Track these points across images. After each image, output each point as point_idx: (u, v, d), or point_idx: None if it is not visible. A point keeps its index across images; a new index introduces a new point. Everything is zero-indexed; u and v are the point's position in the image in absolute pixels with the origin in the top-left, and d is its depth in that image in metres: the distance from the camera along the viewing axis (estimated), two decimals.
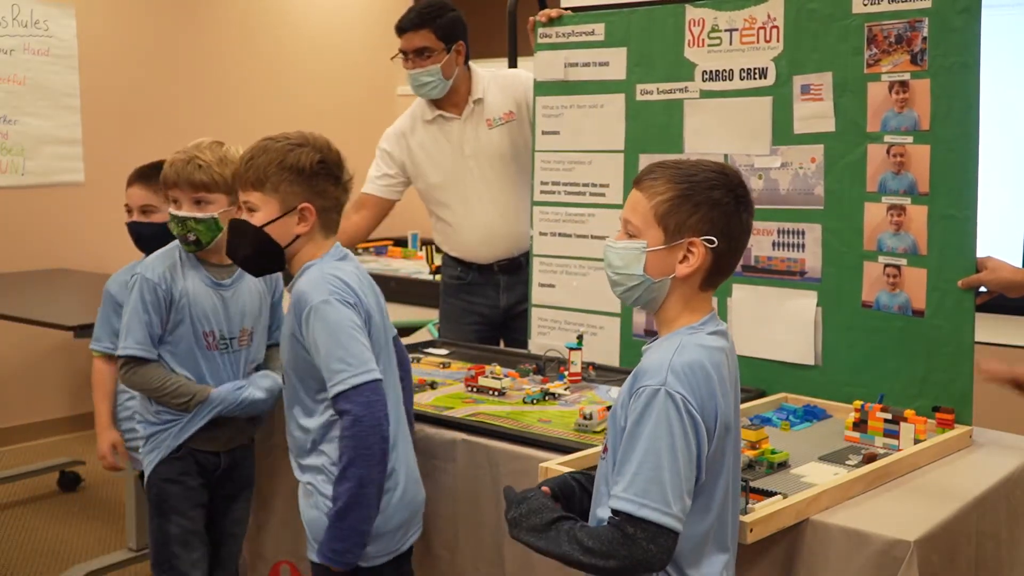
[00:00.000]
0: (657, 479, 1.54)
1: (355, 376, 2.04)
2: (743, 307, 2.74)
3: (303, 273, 2.16)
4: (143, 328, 2.46)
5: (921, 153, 2.42)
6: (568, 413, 2.48)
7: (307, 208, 2.15)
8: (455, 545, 2.41)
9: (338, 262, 2.20)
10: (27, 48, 5.39)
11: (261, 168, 2.13)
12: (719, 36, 2.76)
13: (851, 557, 1.80)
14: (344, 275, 2.15)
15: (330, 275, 2.13)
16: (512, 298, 3.46)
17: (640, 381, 1.61)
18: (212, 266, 2.55)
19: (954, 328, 2.39)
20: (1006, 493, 2.12)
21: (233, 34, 6.36)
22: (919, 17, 2.40)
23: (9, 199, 5.36)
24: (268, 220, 2.14)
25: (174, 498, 2.53)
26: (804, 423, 2.43)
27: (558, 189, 3.14)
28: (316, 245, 2.19)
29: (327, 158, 2.18)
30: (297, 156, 2.14)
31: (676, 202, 1.66)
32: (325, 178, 2.18)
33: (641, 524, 1.53)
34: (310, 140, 2.18)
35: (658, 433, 1.55)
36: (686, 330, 1.67)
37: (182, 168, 2.47)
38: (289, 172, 2.13)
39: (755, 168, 2.69)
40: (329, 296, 2.08)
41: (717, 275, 1.70)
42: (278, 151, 2.14)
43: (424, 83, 3.32)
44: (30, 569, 3.87)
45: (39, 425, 5.45)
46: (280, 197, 2.14)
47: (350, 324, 2.08)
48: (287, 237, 2.16)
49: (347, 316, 2.08)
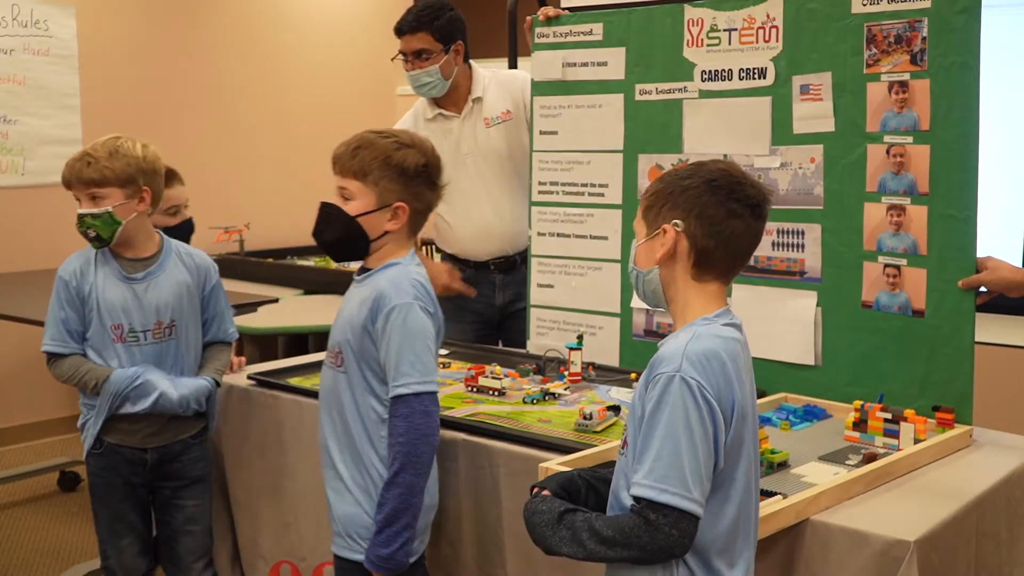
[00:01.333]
0: (676, 464, 1.54)
1: (420, 384, 2.10)
2: (743, 307, 2.73)
3: (386, 269, 2.21)
4: (58, 325, 2.58)
5: (921, 153, 2.41)
6: (568, 413, 2.48)
7: (402, 207, 2.20)
8: (456, 545, 2.41)
9: (418, 267, 2.25)
10: (27, 48, 5.40)
11: (366, 160, 2.18)
12: (718, 36, 2.76)
13: (851, 557, 1.80)
14: (426, 282, 2.22)
15: (416, 280, 2.19)
16: (508, 296, 3.47)
17: (656, 369, 1.62)
18: (125, 260, 2.62)
19: (954, 328, 2.39)
20: (1006, 493, 2.13)
21: (233, 34, 6.36)
22: (918, 17, 2.40)
23: (9, 199, 5.36)
24: (363, 211, 2.19)
25: (99, 488, 2.66)
26: (804, 423, 2.43)
27: (556, 189, 3.14)
28: (400, 244, 2.24)
29: (430, 163, 2.23)
30: (404, 156, 2.19)
31: (653, 197, 1.74)
32: (425, 182, 2.23)
33: (663, 510, 1.53)
34: (416, 143, 2.24)
35: (675, 419, 1.56)
36: (701, 321, 1.68)
37: (74, 166, 2.57)
38: (393, 170, 2.18)
39: (754, 168, 2.69)
40: (414, 301, 2.14)
41: (707, 262, 1.69)
42: (385, 148, 2.19)
43: (424, 83, 3.34)
44: (30, 569, 3.87)
45: (39, 425, 5.46)
46: (379, 191, 2.19)
47: (427, 333, 2.15)
48: (377, 231, 2.21)
49: (426, 324, 2.15)
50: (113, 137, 2.60)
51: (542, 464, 2.03)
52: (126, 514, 2.65)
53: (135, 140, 2.62)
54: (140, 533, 2.68)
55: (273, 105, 6.53)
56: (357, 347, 2.17)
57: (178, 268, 2.66)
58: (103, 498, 2.65)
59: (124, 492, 2.64)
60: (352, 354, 2.18)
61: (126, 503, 2.65)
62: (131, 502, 2.66)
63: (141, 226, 2.62)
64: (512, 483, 2.27)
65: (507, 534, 2.30)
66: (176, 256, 2.68)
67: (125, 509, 2.65)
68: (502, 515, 2.30)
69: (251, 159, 6.35)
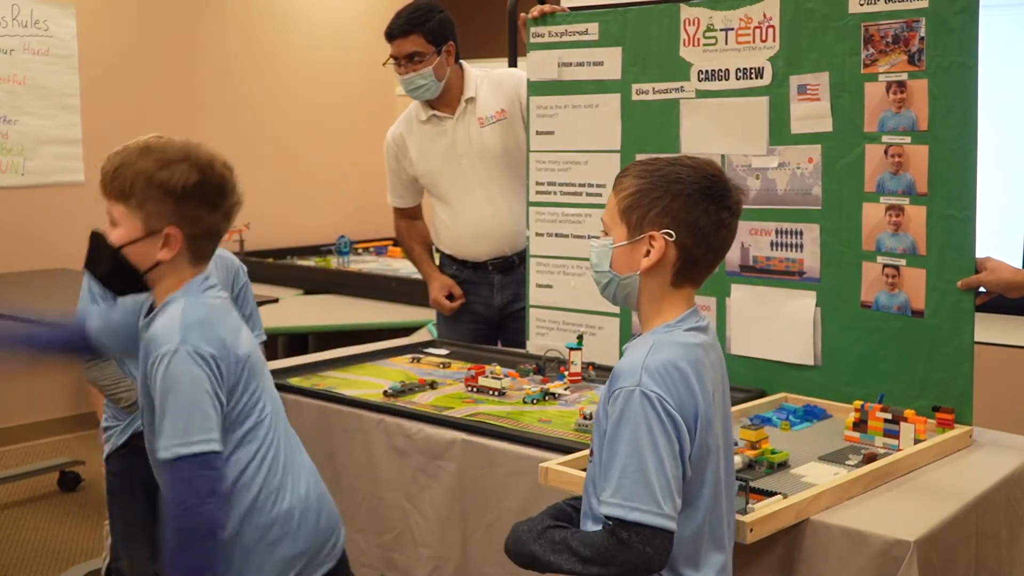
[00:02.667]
0: (644, 480, 1.53)
1: (181, 446, 1.75)
2: (742, 307, 2.74)
3: (163, 308, 1.87)
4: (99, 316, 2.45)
5: (919, 153, 2.41)
6: (568, 413, 2.48)
7: (173, 234, 1.86)
8: (456, 545, 2.41)
9: (206, 292, 1.90)
10: (27, 48, 5.40)
11: (127, 180, 1.85)
12: (714, 36, 2.76)
13: (851, 557, 1.80)
14: (211, 312, 1.87)
15: (191, 317, 1.82)
16: (506, 296, 3.47)
17: (616, 384, 1.60)
18: None
19: (954, 328, 2.39)
20: (1006, 493, 2.13)
21: (233, 34, 6.36)
22: (916, 17, 2.39)
23: (9, 199, 5.36)
24: (127, 240, 1.86)
25: (118, 489, 2.65)
26: (804, 423, 2.43)
27: (554, 189, 3.14)
28: (183, 275, 1.90)
29: (207, 180, 1.87)
30: (170, 174, 1.84)
31: (636, 197, 1.67)
32: (200, 202, 1.87)
33: (634, 528, 1.52)
34: (191, 156, 1.88)
35: (638, 434, 1.54)
36: (662, 328, 1.66)
37: None
38: (157, 190, 1.84)
39: (752, 168, 2.69)
40: (180, 345, 1.78)
41: (690, 270, 1.68)
42: (147, 165, 1.85)
43: (418, 86, 3.34)
44: (30, 569, 3.87)
45: (39, 425, 5.45)
46: (143, 216, 1.85)
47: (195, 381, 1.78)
48: (147, 262, 1.87)
49: (192, 372, 1.77)
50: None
51: (542, 464, 2.03)
52: (142, 517, 2.64)
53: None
54: (154, 539, 2.63)
55: (273, 105, 6.53)
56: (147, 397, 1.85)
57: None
58: (121, 499, 2.65)
59: (142, 495, 2.62)
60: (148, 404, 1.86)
61: (143, 506, 2.63)
62: (148, 505, 2.62)
63: None
64: (512, 483, 2.27)
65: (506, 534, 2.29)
66: None
67: (141, 512, 2.63)
68: (502, 515, 2.30)
69: (251, 159, 6.34)
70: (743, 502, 1.79)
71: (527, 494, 2.23)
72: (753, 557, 1.86)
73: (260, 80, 6.49)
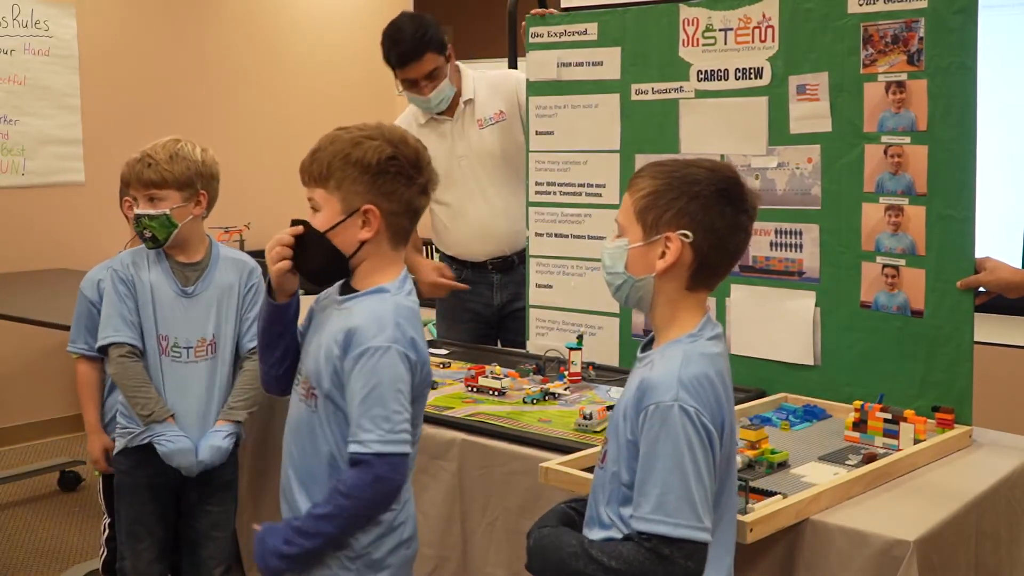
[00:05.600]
0: (687, 497, 1.52)
1: (383, 444, 1.78)
2: (742, 307, 2.74)
3: (369, 296, 1.89)
4: (117, 317, 2.56)
5: (919, 153, 2.41)
6: (568, 413, 2.48)
7: (371, 210, 1.87)
8: (456, 545, 2.41)
9: (409, 296, 1.92)
10: (27, 48, 5.40)
11: (324, 161, 1.88)
12: (713, 36, 2.76)
13: (851, 557, 1.80)
14: (413, 318, 1.89)
15: (400, 318, 1.85)
16: (506, 297, 3.47)
17: (650, 397, 1.57)
18: (176, 263, 2.63)
19: (953, 328, 2.39)
20: (1006, 493, 2.13)
21: (233, 34, 6.36)
22: (915, 17, 2.39)
23: (9, 199, 5.36)
24: (331, 224, 1.88)
25: (124, 488, 2.64)
26: (804, 423, 2.43)
27: (553, 190, 3.14)
28: (386, 260, 1.91)
29: (401, 154, 1.89)
30: (364, 150, 1.87)
31: (652, 197, 1.64)
32: (396, 177, 1.88)
33: (678, 544, 1.51)
34: (385, 134, 1.90)
35: (679, 450, 1.53)
36: (687, 339, 1.63)
37: (134, 167, 2.56)
38: (354, 167, 1.86)
39: (751, 168, 2.69)
40: (392, 344, 1.81)
41: (706, 274, 1.66)
42: (343, 144, 1.88)
43: (444, 98, 3.32)
44: (30, 569, 3.87)
45: (39, 425, 5.46)
46: (342, 196, 1.87)
47: (399, 381, 1.82)
48: (351, 245, 1.88)
49: (400, 373, 1.81)
50: (173, 139, 2.60)
51: (542, 464, 2.03)
52: (147, 517, 2.64)
53: (194, 143, 2.62)
54: (159, 539, 2.66)
55: (274, 105, 6.53)
56: (328, 384, 1.87)
57: (225, 271, 2.67)
58: (127, 497, 2.64)
59: (149, 494, 2.63)
60: (322, 391, 1.88)
61: (149, 505, 2.63)
62: (154, 505, 2.64)
63: (195, 229, 2.64)
64: (512, 483, 2.28)
65: (507, 534, 2.30)
66: (224, 260, 2.70)
67: (147, 512, 2.63)
68: (502, 515, 2.30)
69: (251, 159, 6.35)
70: (743, 502, 1.79)
71: (527, 494, 2.23)
72: (753, 557, 1.86)
73: (261, 80, 6.49)
